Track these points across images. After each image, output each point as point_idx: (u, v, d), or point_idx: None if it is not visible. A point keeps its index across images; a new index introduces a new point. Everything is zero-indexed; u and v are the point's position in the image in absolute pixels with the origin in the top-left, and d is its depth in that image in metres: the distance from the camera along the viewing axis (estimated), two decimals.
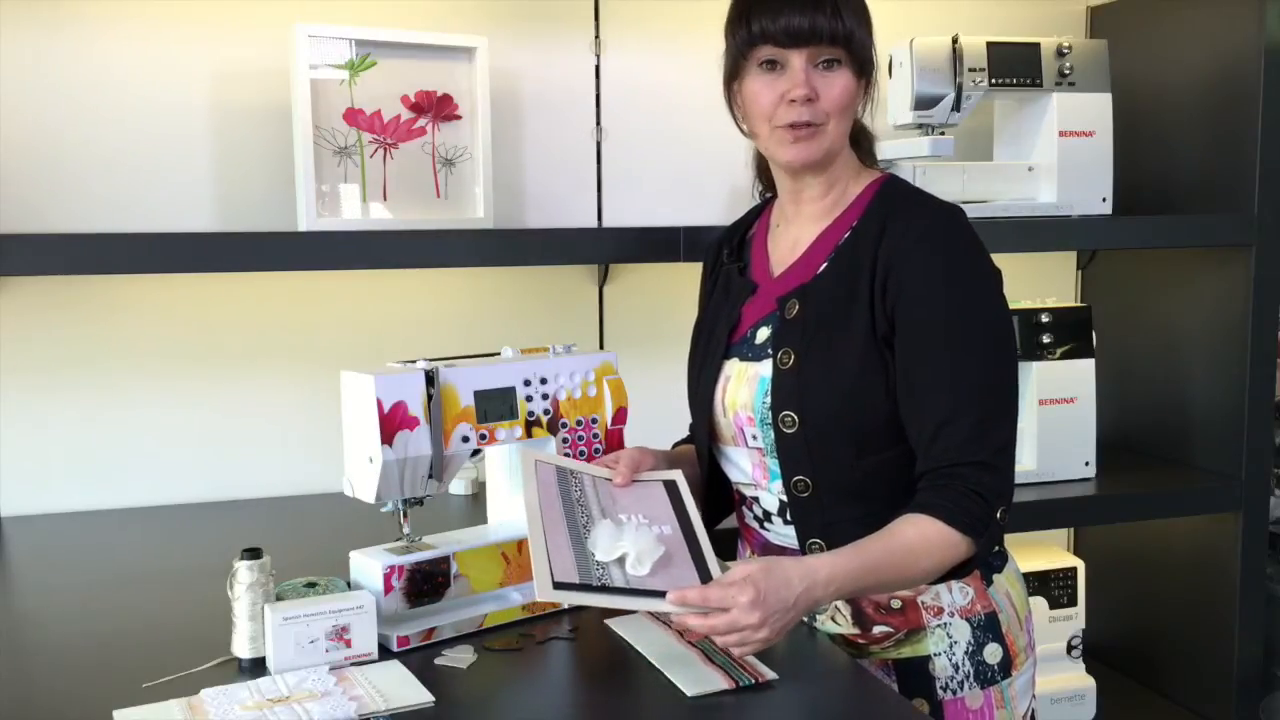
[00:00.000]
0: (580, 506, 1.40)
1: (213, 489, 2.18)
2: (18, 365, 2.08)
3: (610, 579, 1.28)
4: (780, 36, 1.38)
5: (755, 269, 1.55)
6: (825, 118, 1.41)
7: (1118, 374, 2.54)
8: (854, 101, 1.43)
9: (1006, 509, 1.36)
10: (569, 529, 1.35)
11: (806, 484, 1.41)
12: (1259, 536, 2.30)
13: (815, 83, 1.39)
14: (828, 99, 1.40)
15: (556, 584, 1.25)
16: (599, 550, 1.31)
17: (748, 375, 1.46)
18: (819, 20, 1.37)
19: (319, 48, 1.98)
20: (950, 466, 1.33)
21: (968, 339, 1.36)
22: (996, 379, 1.37)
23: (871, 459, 1.40)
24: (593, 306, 2.36)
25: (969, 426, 1.33)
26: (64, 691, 1.29)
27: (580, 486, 1.44)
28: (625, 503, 1.43)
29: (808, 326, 1.41)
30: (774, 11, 1.38)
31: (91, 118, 2.07)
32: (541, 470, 1.43)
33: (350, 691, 1.23)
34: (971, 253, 1.40)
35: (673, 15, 2.33)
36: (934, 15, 2.44)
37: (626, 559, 1.30)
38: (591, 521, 1.36)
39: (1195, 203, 2.36)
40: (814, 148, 1.42)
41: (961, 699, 1.41)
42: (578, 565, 1.29)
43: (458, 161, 2.12)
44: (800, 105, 1.39)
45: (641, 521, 1.38)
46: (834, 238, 1.46)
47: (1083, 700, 2.39)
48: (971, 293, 1.38)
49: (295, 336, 2.21)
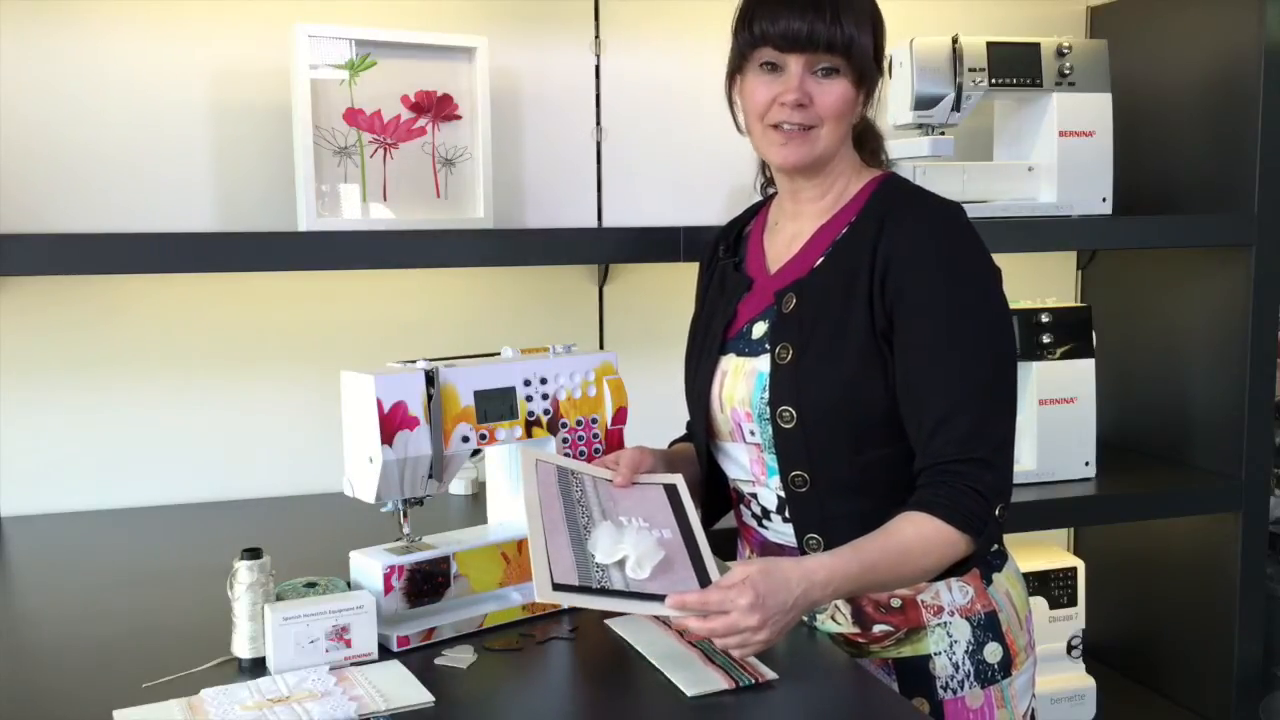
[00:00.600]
0: (581, 507, 1.40)
1: (213, 489, 2.18)
2: (18, 365, 2.08)
3: (610, 582, 1.28)
4: (778, 40, 1.39)
5: (751, 265, 1.55)
6: (818, 122, 1.42)
7: (1118, 374, 2.54)
8: (849, 109, 1.42)
9: (1005, 506, 1.36)
10: (569, 529, 1.35)
11: (804, 479, 1.42)
12: (1259, 536, 2.30)
13: (810, 88, 1.40)
14: (821, 105, 1.41)
15: (556, 585, 1.25)
16: (599, 552, 1.31)
17: (745, 370, 1.46)
18: (817, 26, 1.37)
19: (319, 48, 1.98)
20: (949, 463, 1.33)
21: (967, 336, 1.36)
22: (995, 376, 1.37)
23: (870, 454, 1.40)
24: (593, 306, 2.36)
25: (968, 423, 1.33)
26: (64, 691, 1.29)
27: (581, 487, 1.44)
28: (626, 505, 1.43)
29: (805, 321, 1.41)
30: (774, 14, 1.39)
31: (91, 118, 2.07)
32: (542, 469, 1.43)
33: (350, 691, 1.23)
34: (971, 250, 1.40)
35: (673, 15, 2.33)
36: (934, 15, 2.44)
37: (627, 562, 1.30)
38: (592, 522, 1.36)
39: (1195, 203, 2.36)
40: (803, 151, 1.43)
41: (962, 698, 1.41)
42: (578, 567, 1.29)
43: (458, 161, 2.12)
44: (792, 109, 1.41)
45: (642, 525, 1.38)
46: (831, 233, 1.46)
47: (1083, 700, 2.39)
48: (971, 290, 1.38)
49: (295, 336, 2.21)
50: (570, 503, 1.40)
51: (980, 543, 1.35)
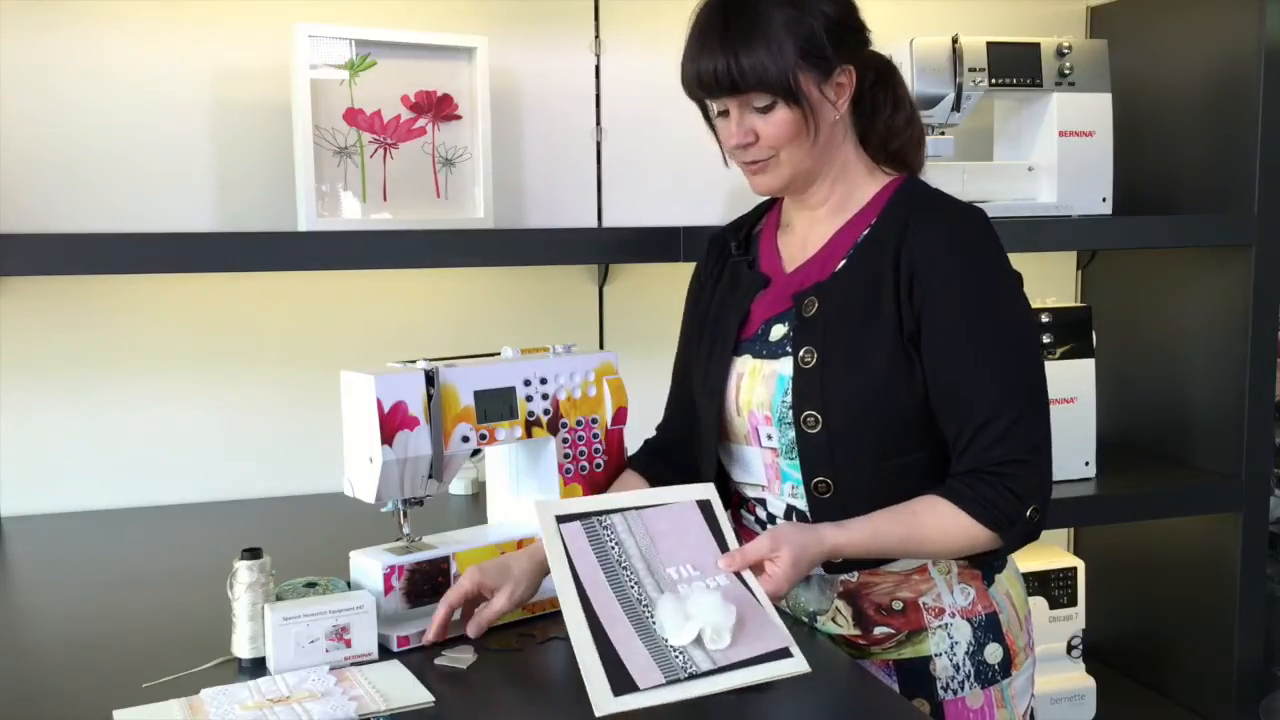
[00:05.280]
0: (626, 572, 1.27)
1: (213, 489, 2.18)
2: (18, 365, 2.08)
3: (695, 665, 1.19)
4: (699, 89, 1.42)
5: (765, 263, 1.53)
6: (772, 152, 1.42)
7: (1118, 374, 2.54)
8: (796, 132, 1.39)
9: (1039, 507, 1.36)
10: (627, 612, 1.22)
11: (828, 485, 1.40)
12: (1259, 536, 2.30)
13: (753, 123, 1.40)
14: (766, 137, 1.40)
15: (644, 688, 1.14)
16: (671, 635, 1.20)
17: (764, 373, 1.45)
18: (719, 69, 1.36)
19: (319, 48, 1.98)
20: (990, 466, 1.34)
21: (1000, 339, 1.36)
22: (1030, 378, 1.38)
23: (895, 460, 1.39)
24: (593, 306, 2.36)
25: (1006, 425, 1.33)
26: (64, 691, 1.29)
27: (616, 537, 1.30)
28: (668, 548, 1.31)
29: (829, 325, 1.40)
30: (691, 57, 1.41)
31: (92, 117, 2.07)
32: (569, 534, 1.28)
33: (350, 691, 1.23)
34: (999, 256, 1.40)
35: (673, 15, 2.29)
36: (934, 15, 2.44)
37: (703, 635, 1.21)
38: (642, 589, 1.25)
39: (1195, 203, 2.36)
40: (772, 179, 1.45)
41: (962, 699, 1.41)
42: (656, 660, 1.18)
43: (458, 161, 2.12)
44: (743, 150, 1.42)
45: (694, 575, 1.28)
46: (851, 236, 1.45)
47: (1083, 700, 2.39)
48: (1001, 295, 1.38)
49: (295, 336, 2.21)
50: (612, 568, 1.26)
51: (1010, 539, 1.36)
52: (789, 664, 1.22)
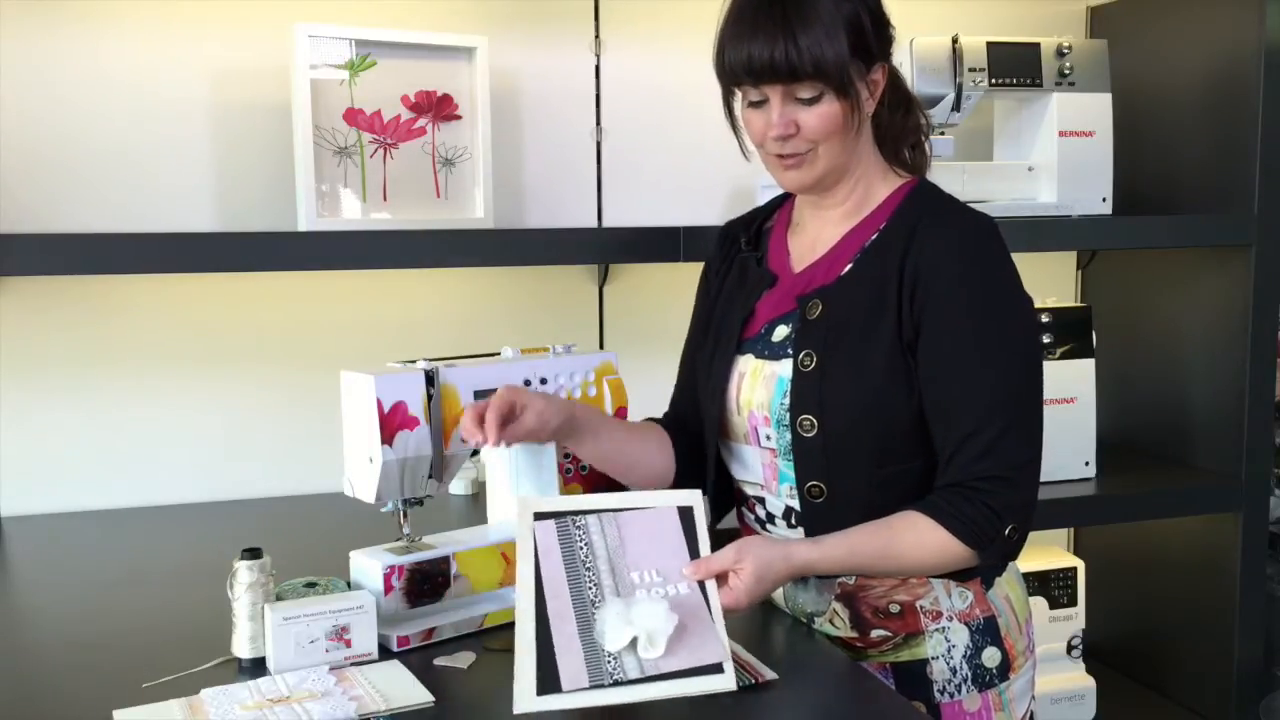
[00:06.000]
0: (587, 571, 1.26)
1: (213, 489, 2.18)
2: (18, 365, 2.08)
3: (624, 672, 1.17)
4: (745, 75, 1.36)
5: (774, 261, 1.52)
6: (812, 145, 1.39)
7: (1118, 374, 2.54)
8: (840, 126, 1.37)
9: (1019, 526, 1.35)
10: (577, 612, 1.21)
11: (821, 490, 1.40)
12: (1259, 536, 2.30)
13: (795, 115, 1.37)
14: (808, 131, 1.37)
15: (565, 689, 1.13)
16: (607, 639, 1.19)
17: (764, 374, 1.44)
18: (777, 54, 1.32)
19: (319, 48, 1.98)
20: (971, 480, 1.33)
21: (994, 353, 1.34)
22: (1022, 394, 1.36)
23: (890, 468, 1.38)
24: (593, 306, 2.36)
25: (992, 439, 1.32)
26: (64, 691, 1.29)
27: (586, 536, 1.29)
28: (637, 550, 1.29)
29: (831, 329, 1.39)
30: (737, 43, 1.36)
31: (91, 117, 2.07)
32: (541, 531, 1.27)
33: (350, 691, 1.23)
34: (1004, 267, 1.38)
35: (673, 15, 2.33)
36: (934, 15, 2.44)
37: (638, 641, 1.19)
38: (600, 589, 1.24)
39: (1195, 203, 2.36)
40: (806, 174, 1.41)
41: (959, 702, 1.41)
42: (588, 666, 1.17)
43: (458, 161, 2.12)
44: (781, 141, 1.39)
45: (654, 581, 1.26)
46: (859, 240, 1.44)
47: (1083, 700, 2.39)
48: (1002, 307, 1.37)
49: (295, 336, 2.21)
50: (576, 570, 1.26)
51: (987, 557, 1.36)
52: (717, 680, 1.18)
